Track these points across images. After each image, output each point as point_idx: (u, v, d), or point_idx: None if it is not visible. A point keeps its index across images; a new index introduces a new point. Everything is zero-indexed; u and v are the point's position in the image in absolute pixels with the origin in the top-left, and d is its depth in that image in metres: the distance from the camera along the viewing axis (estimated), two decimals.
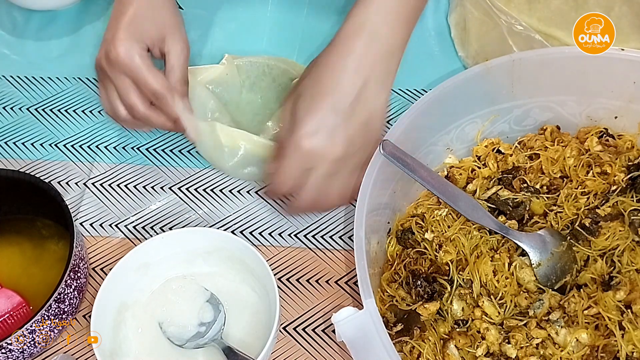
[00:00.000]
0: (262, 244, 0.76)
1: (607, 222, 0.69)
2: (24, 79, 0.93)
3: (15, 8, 0.99)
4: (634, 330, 0.61)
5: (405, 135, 0.70)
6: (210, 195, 0.81)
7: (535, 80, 0.76)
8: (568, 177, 0.74)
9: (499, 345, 0.64)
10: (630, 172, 0.72)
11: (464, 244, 0.69)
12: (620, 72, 0.74)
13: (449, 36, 0.94)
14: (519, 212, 0.71)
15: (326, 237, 0.77)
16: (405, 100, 0.88)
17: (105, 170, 0.83)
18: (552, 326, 0.63)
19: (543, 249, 0.68)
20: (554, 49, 0.77)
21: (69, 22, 0.98)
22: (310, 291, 0.73)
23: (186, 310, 0.69)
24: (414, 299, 0.67)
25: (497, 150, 0.78)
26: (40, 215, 0.74)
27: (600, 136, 0.76)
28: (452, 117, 0.76)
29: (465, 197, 0.70)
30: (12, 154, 0.85)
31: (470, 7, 0.88)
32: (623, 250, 0.67)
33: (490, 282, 0.67)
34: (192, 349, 0.67)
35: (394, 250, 0.72)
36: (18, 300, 0.67)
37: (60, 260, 0.70)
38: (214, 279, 0.71)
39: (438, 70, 0.90)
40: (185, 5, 0.99)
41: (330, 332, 0.70)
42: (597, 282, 0.66)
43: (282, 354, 0.69)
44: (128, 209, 0.80)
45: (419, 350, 0.63)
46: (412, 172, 0.68)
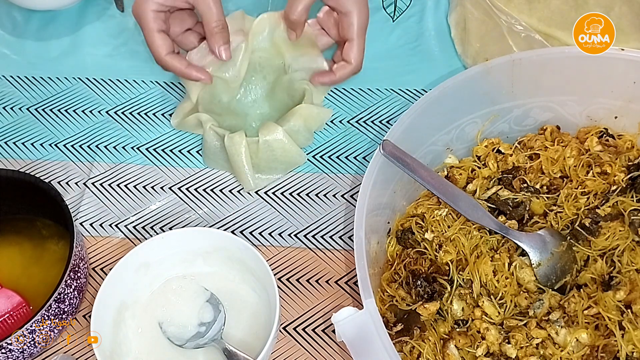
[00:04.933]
0: (262, 244, 0.76)
1: (607, 222, 0.69)
2: (24, 79, 0.93)
3: (15, 8, 0.99)
4: (634, 330, 0.61)
5: (405, 135, 0.70)
6: (210, 195, 0.81)
7: (535, 80, 0.76)
8: (568, 177, 0.74)
9: (499, 345, 0.64)
10: (630, 172, 0.72)
11: (464, 244, 0.69)
12: (620, 72, 0.74)
13: (449, 36, 0.94)
14: (519, 212, 0.71)
15: (326, 237, 0.77)
16: (405, 100, 0.88)
17: (105, 170, 0.83)
18: (552, 326, 0.63)
19: (543, 249, 0.68)
20: (554, 49, 0.77)
21: (69, 22, 0.98)
22: (310, 291, 0.73)
23: (186, 310, 0.69)
24: (414, 299, 0.67)
25: (497, 150, 0.78)
26: (40, 215, 0.74)
27: (600, 136, 0.77)
28: (452, 117, 0.76)
29: (465, 197, 0.70)
30: (12, 154, 0.85)
31: (470, 7, 0.88)
32: (623, 250, 0.67)
33: (490, 282, 0.67)
34: (192, 349, 0.67)
35: (394, 250, 0.72)
36: (18, 300, 0.67)
37: (60, 260, 0.70)
38: (214, 279, 0.71)
39: (438, 70, 0.90)
40: None
41: (330, 332, 0.70)
42: (597, 282, 0.66)
43: (282, 354, 0.69)
44: (128, 209, 0.80)
45: (419, 350, 0.63)
46: (412, 172, 0.68)
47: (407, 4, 0.98)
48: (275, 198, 0.80)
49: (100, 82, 0.92)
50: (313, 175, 0.82)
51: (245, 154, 0.78)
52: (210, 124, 0.80)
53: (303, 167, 0.82)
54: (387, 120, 0.86)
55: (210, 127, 0.79)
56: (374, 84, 0.89)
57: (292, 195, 0.80)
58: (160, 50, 0.78)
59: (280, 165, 0.80)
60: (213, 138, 0.80)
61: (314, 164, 0.83)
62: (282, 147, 0.79)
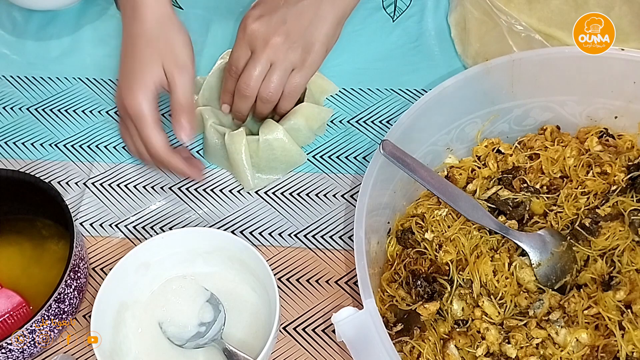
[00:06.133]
0: (262, 244, 0.76)
1: (607, 222, 0.69)
2: (24, 79, 0.93)
3: (15, 8, 0.99)
4: (634, 330, 0.61)
5: (405, 135, 0.70)
6: (210, 195, 0.81)
7: (535, 80, 0.76)
8: (568, 177, 0.74)
9: (499, 345, 0.64)
10: (630, 172, 0.72)
11: (464, 244, 0.69)
12: (620, 72, 0.74)
13: (449, 36, 0.94)
14: (519, 212, 0.71)
15: (326, 237, 0.77)
16: (405, 100, 0.88)
17: (105, 170, 0.83)
18: (552, 326, 0.63)
19: (543, 249, 0.68)
20: (554, 49, 0.77)
21: (69, 22, 0.98)
22: (310, 291, 0.73)
23: (186, 310, 0.69)
24: (414, 299, 0.67)
25: (497, 150, 0.78)
26: (40, 215, 0.74)
27: (600, 136, 0.76)
28: (452, 117, 0.76)
29: (465, 197, 0.70)
30: (12, 154, 0.85)
31: (470, 7, 0.88)
32: (623, 250, 0.67)
33: (490, 282, 0.67)
34: (192, 349, 0.67)
35: (394, 250, 0.72)
36: (18, 300, 0.67)
37: (60, 260, 0.70)
38: (214, 279, 0.71)
39: (438, 70, 0.90)
40: (185, 5, 0.99)
41: (330, 332, 0.70)
42: (597, 282, 0.66)
43: (282, 354, 0.69)
44: (128, 209, 0.80)
45: (419, 350, 0.63)
46: (412, 172, 0.68)
47: (407, 4, 0.98)
48: (275, 198, 0.80)
49: (100, 82, 0.92)
50: (313, 175, 0.82)
51: (245, 152, 0.78)
52: (211, 121, 0.80)
53: (303, 167, 0.82)
54: (387, 120, 0.86)
55: (211, 124, 0.80)
56: (374, 84, 0.89)
57: (292, 195, 0.80)
58: (162, 144, 0.75)
59: (280, 164, 0.80)
60: (213, 136, 0.80)
61: (314, 164, 0.83)
62: (282, 147, 0.79)
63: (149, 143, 0.75)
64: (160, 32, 0.75)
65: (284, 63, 0.76)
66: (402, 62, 0.92)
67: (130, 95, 0.73)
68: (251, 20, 0.77)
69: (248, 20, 0.77)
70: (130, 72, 0.75)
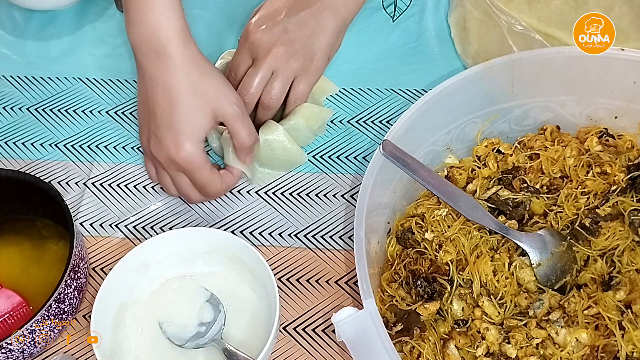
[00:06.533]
0: (262, 244, 0.76)
1: (607, 222, 0.69)
2: (24, 79, 0.93)
3: (15, 8, 0.99)
4: (634, 330, 0.61)
5: (405, 135, 0.70)
6: None
7: (535, 80, 0.76)
8: (568, 177, 0.74)
9: (499, 345, 0.64)
10: (630, 172, 0.72)
11: (464, 244, 0.69)
12: (620, 72, 0.74)
13: (449, 36, 0.94)
14: (519, 212, 0.71)
15: (326, 237, 0.77)
16: (405, 100, 0.88)
17: (105, 170, 0.83)
18: (552, 326, 0.63)
19: (543, 249, 0.68)
20: (554, 49, 0.77)
21: (69, 22, 0.98)
22: (310, 291, 0.73)
23: (186, 310, 0.69)
24: (414, 299, 0.67)
25: (497, 150, 0.78)
26: (40, 215, 0.74)
27: (600, 136, 0.76)
28: (452, 117, 0.76)
29: (465, 197, 0.70)
30: (12, 154, 0.85)
31: (470, 7, 0.88)
32: (623, 250, 0.67)
33: (490, 282, 0.67)
34: (192, 349, 0.67)
35: (394, 250, 0.72)
36: (18, 300, 0.67)
37: (60, 260, 0.70)
38: (214, 279, 0.71)
39: (438, 70, 0.90)
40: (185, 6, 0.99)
41: (330, 332, 0.70)
42: (597, 282, 0.66)
43: (282, 354, 0.69)
44: (128, 209, 0.80)
45: (419, 350, 0.63)
46: (412, 172, 0.68)
47: (407, 4, 0.98)
48: (275, 198, 0.80)
49: (100, 82, 0.92)
50: (313, 175, 0.82)
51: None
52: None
53: (303, 167, 0.82)
54: (387, 120, 0.86)
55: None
56: (374, 84, 0.89)
57: (292, 195, 0.80)
58: (220, 184, 0.75)
59: (281, 163, 0.81)
60: (214, 136, 0.80)
61: (314, 164, 0.83)
62: (282, 147, 0.79)
63: (208, 186, 0.74)
64: (198, 79, 0.71)
65: (286, 71, 0.77)
66: (402, 62, 0.92)
67: (182, 150, 0.70)
68: (254, 29, 0.78)
69: (250, 30, 0.78)
70: (177, 124, 0.70)
